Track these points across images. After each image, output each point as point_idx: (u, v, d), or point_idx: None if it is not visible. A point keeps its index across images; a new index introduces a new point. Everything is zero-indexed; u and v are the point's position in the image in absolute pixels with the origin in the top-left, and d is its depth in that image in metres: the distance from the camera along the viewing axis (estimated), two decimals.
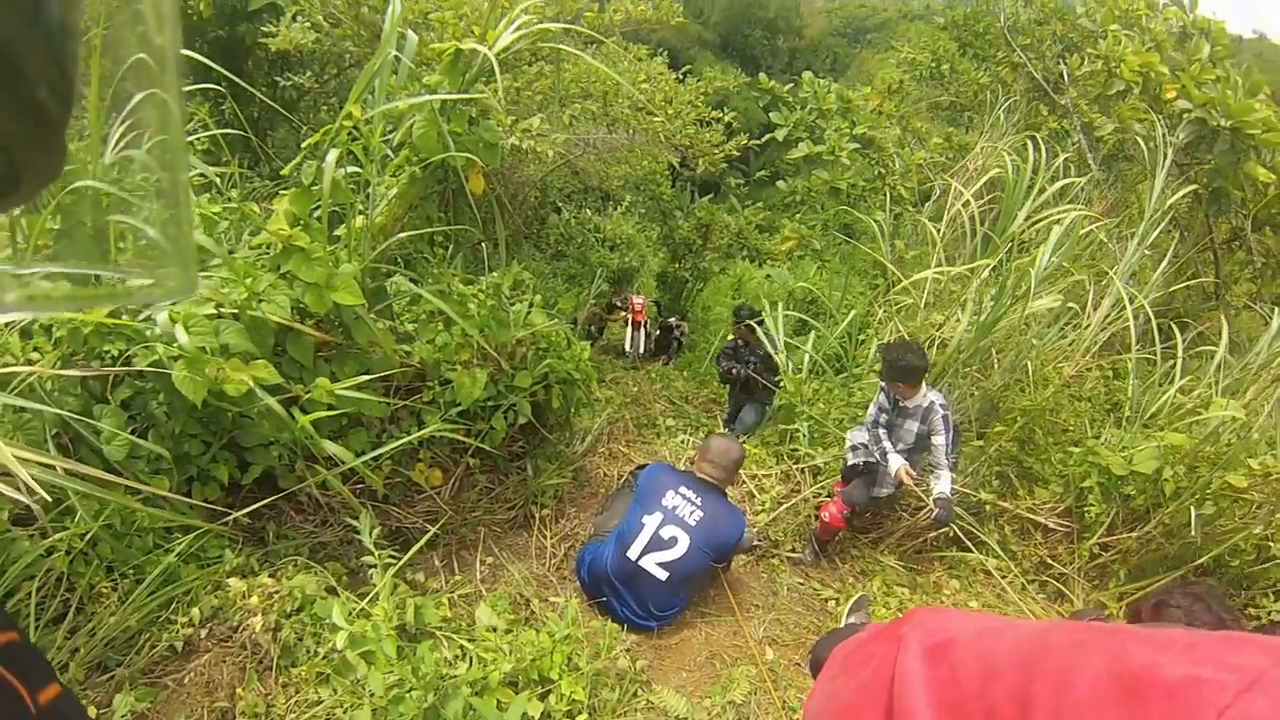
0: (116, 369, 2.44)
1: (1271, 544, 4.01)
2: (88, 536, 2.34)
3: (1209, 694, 0.47)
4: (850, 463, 4.22)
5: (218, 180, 3.77)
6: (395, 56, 3.03)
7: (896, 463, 3.82)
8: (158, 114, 0.45)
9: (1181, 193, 5.44)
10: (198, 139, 3.98)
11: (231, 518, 2.72)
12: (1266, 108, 5.52)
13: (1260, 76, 5.79)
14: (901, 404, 3.90)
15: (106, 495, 2.33)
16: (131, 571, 2.45)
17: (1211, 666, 0.50)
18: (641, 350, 9.10)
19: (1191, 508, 3.94)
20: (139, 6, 0.43)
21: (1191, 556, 4.09)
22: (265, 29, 5.72)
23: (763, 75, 7.17)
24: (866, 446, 4.14)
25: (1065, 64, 6.90)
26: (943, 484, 3.75)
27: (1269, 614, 4.04)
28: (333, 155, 2.82)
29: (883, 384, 4.00)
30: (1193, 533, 3.93)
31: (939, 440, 3.79)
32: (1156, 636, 0.57)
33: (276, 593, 2.52)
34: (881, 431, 4.00)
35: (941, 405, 3.82)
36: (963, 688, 0.68)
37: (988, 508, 4.36)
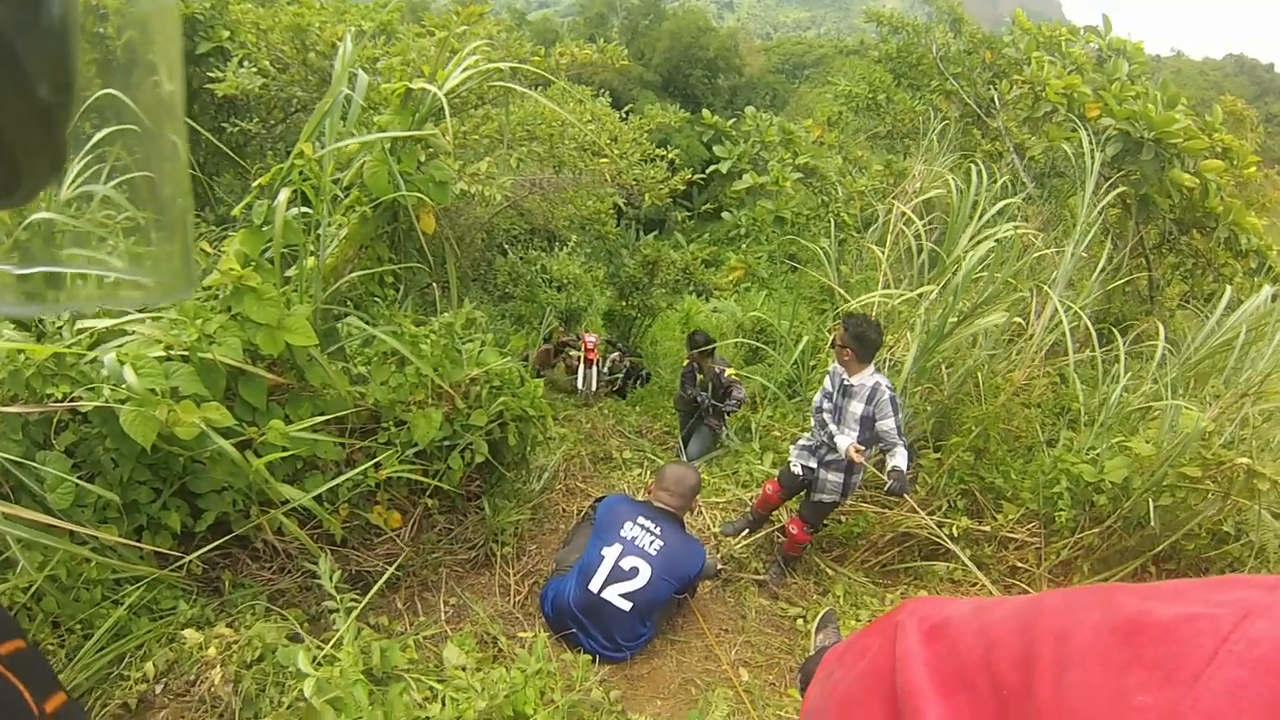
0: (63, 405, 2.36)
1: (1224, 526, 4.20)
2: (31, 590, 2.23)
3: (1206, 626, 0.49)
4: (793, 470, 4.25)
5: None
6: (346, 96, 3.04)
7: (845, 441, 3.84)
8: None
9: (1109, 198, 5.69)
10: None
11: (185, 565, 2.63)
12: (1186, 118, 5.85)
13: (1177, 90, 6.16)
14: (846, 383, 3.93)
15: (52, 543, 2.23)
16: (79, 626, 2.34)
17: (1203, 604, 0.52)
18: (594, 388, 9.06)
19: (1150, 500, 4.08)
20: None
21: (1150, 546, 4.24)
22: (211, 74, 5.67)
23: (705, 111, 7.36)
24: (810, 449, 4.19)
25: (995, 90, 7.25)
26: (897, 459, 3.75)
27: None
28: (284, 194, 2.80)
29: (830, 367, 4.08)
30: (1152, 524, 4.07)
31: (888, 424, 3.79)
32: (1143, 588, 0.59)
33: (235, 643, 2.43)
34: (826, 416, 4.05)
35: (888, 388, 3.84)
36: (964, 660, 0.69)
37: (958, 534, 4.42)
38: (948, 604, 0.84)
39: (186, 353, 2.52)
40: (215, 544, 2.74)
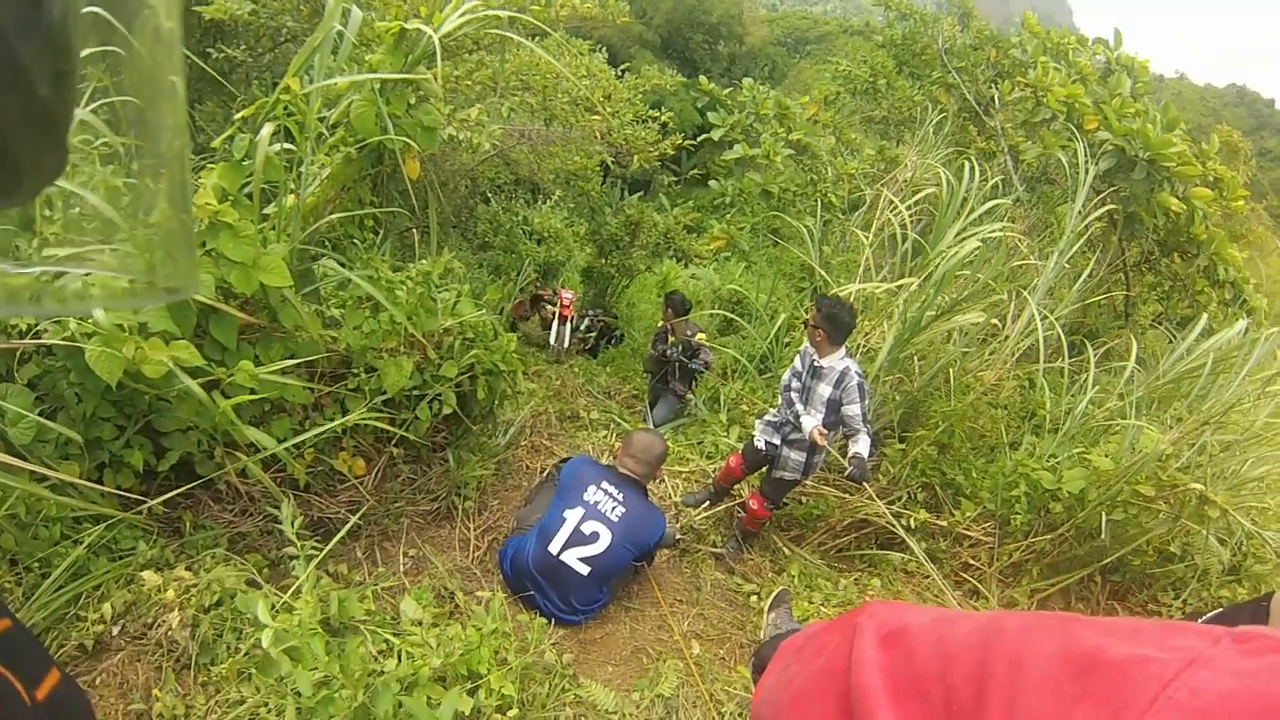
0: (25, 343, 2.29)
1: (1171, 546, 4.35)
2: None
3: (1154, 670, 0.51)
4: (756, 445, 4.29)
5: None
6: (339, 32, 2.94)
7: (810, 423, 3.86)
8: (168, 102, 0.46)
9: (1097, 213, 5.73)
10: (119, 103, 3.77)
11: (146, 506, 2.59)
12: (1182, 142, 5.88)
13: (1177, 113, 6.19)
14: (816, 364, 3.95)
15: (10, 481, 2.18)
16: (37, 565, 2.30)
17: (1154, 647, 0.54)
18: (566, 345, 9.04)
19: (1103, 513, 4.19)
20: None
21: (1099, 557, 4.37)
22: None
23: (703, 78, 7.25)
24: (775, 425, 4.22)
25: (997, 89, 7.22)
26: (860, 445, 3.78)
27: (1169, 609, 4.36)
28: (267, 129, 2.72)
29: (802, 346, 4.11)
30: (1103, 536, 4.19)
31: (854, 410, 3.81)
32: (1101, 623, 0.61)
33: (194, 586, 2.41)
34: (794, 395, 4.07)
35: (857, 373, 3.85)
36: (919, 670, 0.70)
37: (915, 525, 4.50)
38: (908, 610, 0.86)
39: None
40: (181, 489, 2.70)
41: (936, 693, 0.67)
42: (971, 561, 4.50)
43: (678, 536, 4.26)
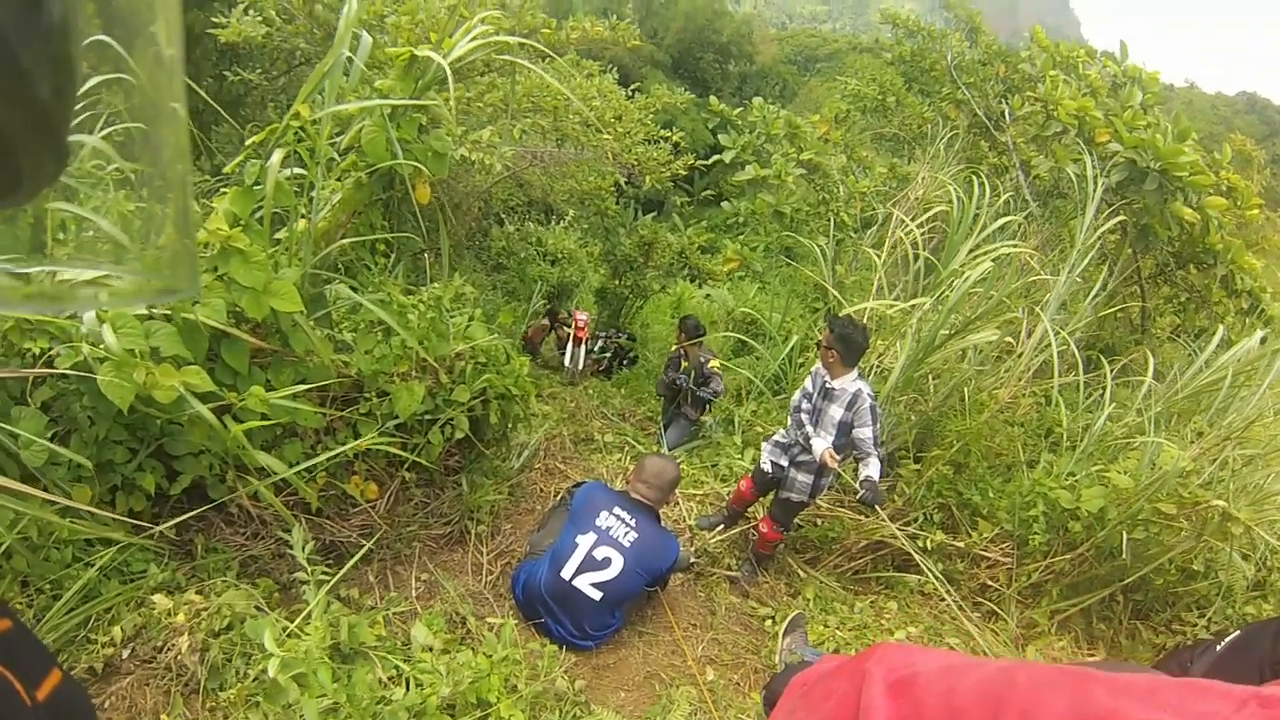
0: (38, 370, 2.31)
1: (1194, 563, 4.25)
2: (1, 548, 2.19)
3: None
4: (763, 467, 4.24)
5: None
6: (348, 57, 2.97)
7: (821, 445, 3.80)
8: (169, 125, 0.46)
9: (1110, 224, 5.68)
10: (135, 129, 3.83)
11: (157, 530, 2.59)
12: (1194, 152, 5.83)
13: (1189, 123, 6.14)
14: (827, 385, 3.89)
15: (22, 506, 2.19)
16: (49, 587, 2.31)
17: (1172, 713, 0.50)
18: (580, 367, 9.04)
19: (1124, 532, 4.11)
20: (152, 28, 0.44)
21: (1120, 576, 4.27)
22: (215, 19, 5.54)
23: (713, 98, 7.27)
24: (782, 446, 4.17)
25: (1007, 104, 7.20)
26: (870, 469, 3.72)
27: (1194, 628, 4.26)
28: (278, 155, 2.74)
29: (814, 367, 4.06)
30: (1124, 555, 4.10)
31: (865, 433, 3.75)
32: (1118, 681, 0.58)
33: (204, 610, 2.41)
34: (804, 417, 4.02)
35: (869, 395, 3.79)
36: None
37: (931, 546, 4.43)
38: (917, 657, 0.83)
39: (168, 313, 2.47)
40: (192, 513, 2.70)
41: None
42: (989, 583, 4.42)
43: (692, 560, 4.22)
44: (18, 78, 0.36)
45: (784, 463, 4.12)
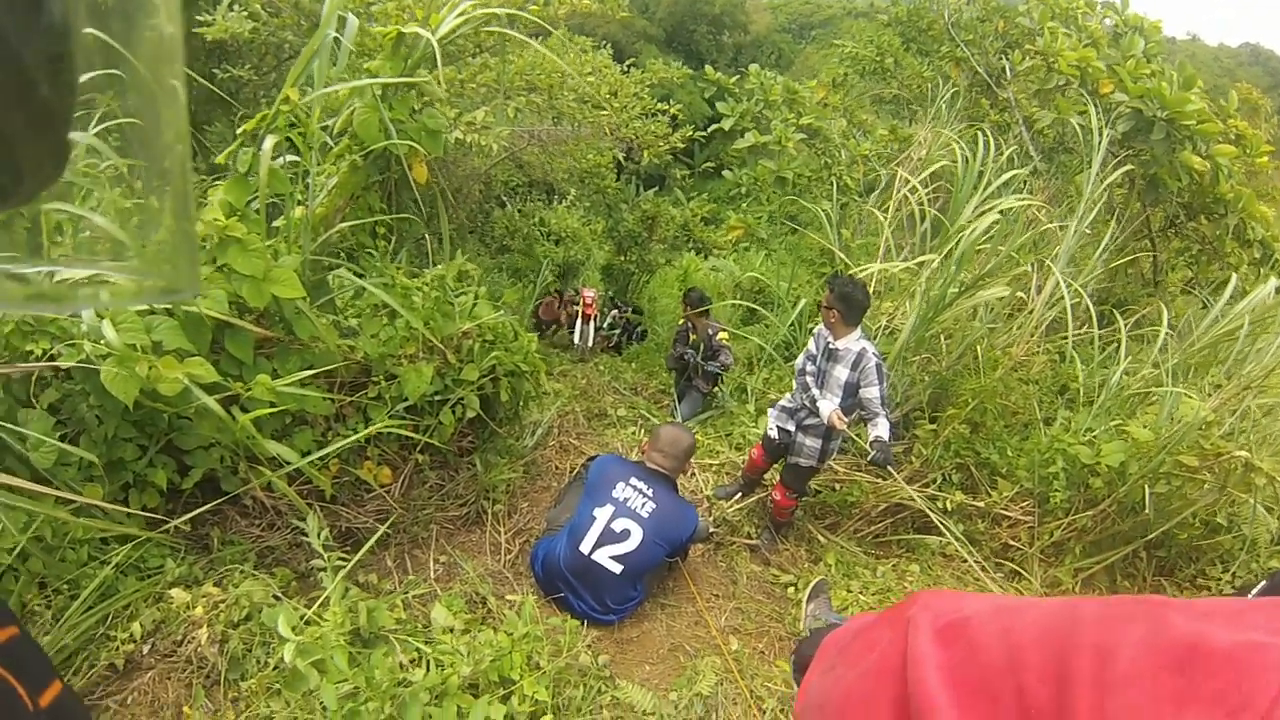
0: (41, 364, 2.29)
1: (1217, 516, 4.19)
2: (15, 550, 2.18)
3: (1272, 659, 0.44)
4: (770, 435, 4.21)
5: None
6: (335, 39, 2.92)
7: (828, 407, 3.75)
8: (170, 105, 0.45)
9: (1117, 174, 5.59)
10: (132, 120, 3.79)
11: (172, 525, 2.59)
12: (1201, 100, 5.71)
13: (1194, 72, 6.01)
14: (831, 346, 3.84)
15: (34, 506, 2.18)
16: (66, 586, 2.31)
17: (1265, 631, 0.47)
18: (590, 344, 9.03)
19: (1145, 486, 4.06)
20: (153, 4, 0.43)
21: (1143, 532, 4.23)
22: (200, 18, 5.48)
23: (709, 68, 7.17)
24: (789, 411, 4.14)
25: (1007, 59, 7.08)
26: (880, 429, 3.67)
27: (1218, 583, 4.23)
28: (269, 142, 2.70)
29: (816, 329, 4.01)
30: (1147, 510, 4.06)
31: (872, 392, 3.69)
32: (1197, 606, 0.54)
33: (222, 602, 2.40)
34: (809, 380, 3.97)
35: (875, 354, 3.73)
36: (985, 669, 0.63)
37: (951, 507, 4.39)
38: (965, 600, 0.78)
39: (169, 306, 2.45)
40: (206, 506, 2.70)
41: (1007, 692, 0.60)
42: (1011, 542, 4.38)
43: (711, 530, 4.20)
44: (18, 77, 0.36)
45: (790, 428, 4.07)
